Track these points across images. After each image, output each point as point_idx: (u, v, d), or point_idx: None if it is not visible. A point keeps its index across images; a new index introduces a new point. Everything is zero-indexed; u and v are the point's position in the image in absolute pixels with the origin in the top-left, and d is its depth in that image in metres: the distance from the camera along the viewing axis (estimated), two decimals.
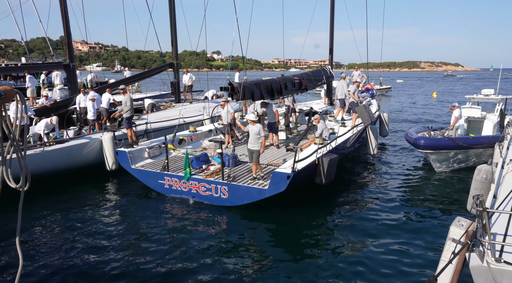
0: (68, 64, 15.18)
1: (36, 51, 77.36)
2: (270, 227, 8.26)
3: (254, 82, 11.45)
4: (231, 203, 9.01)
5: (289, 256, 6.98)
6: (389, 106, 32.86)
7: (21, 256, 2.57)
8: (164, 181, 9.82)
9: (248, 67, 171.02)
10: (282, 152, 11.69)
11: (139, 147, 11.02)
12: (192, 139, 12.78)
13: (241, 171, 9.90)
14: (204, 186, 9.24)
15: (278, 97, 13.18)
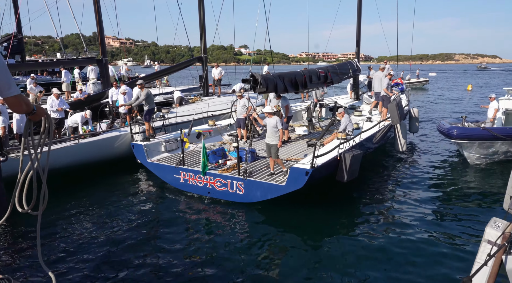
0: (101, 59, 15.65)
1: (71, 47, 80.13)
2: (288, 226, 7.97)
3: (277, 74, 11.07)
4: (247, 199, 8.68)
5: (308, 256, 6.76)
6: (424, 100, 31.89)
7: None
8: (179, 175, 9.62)
9: (275, 61, 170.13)
10: (303, 147, 11.33)
11: (155, 140, 10.93)
12: (210, 132, 12.54)
13: (258, 166, 9.61)
14: (219, 182, 8.96)
15: (303, 91, 12.72)
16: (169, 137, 11.30)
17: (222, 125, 13.06)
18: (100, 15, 14.95)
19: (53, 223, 8.14)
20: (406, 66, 32.31)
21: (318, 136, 11.94)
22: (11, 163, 9.15)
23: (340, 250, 6.92)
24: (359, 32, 17.54)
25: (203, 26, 17.11)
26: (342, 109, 10.96)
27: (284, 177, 8.60)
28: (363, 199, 9.35)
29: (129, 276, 6.11)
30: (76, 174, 10.74)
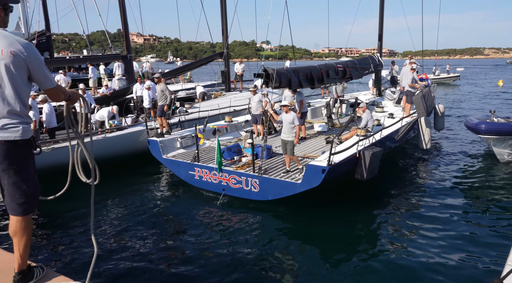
0: (126, 55, 16.01)
1: (96, 44, 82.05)
2: (304, 226, 7.80)
3: (292, 68, 10.82)
4: (262, 197, 8.53)
5: (324, 258, 6.58)
6: (452, 96, 31.01)
7: (95, 247, 2.87)
8: (194, 172, 9.53)
9: (297, 56, 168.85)
10: (321, 144, 11.09)
11: (171, 136, 10.81)
12: (226, 128, 12.41)
13: (274, 163, 9.46)
14: (234, 179, 8.82)
15: (319, 86, 12.26)
16: (184, 133, 11.25)
17: (239, 121, 12.94)
18: (125, 13, 15.27)
19: (70, 214, 8.46)
20: (431, 61, 31.53)
21: (337, 133, 11.58)
22: (42, 156, 9.56)
23: (360, 253, 6.64)
24: (381, 26, 17.06)
25: (225, 22, 17.20)
26: (364, 104, 10.69)
27: (300, 174, 8.42)
28: (383, 198, 9.10)
29: (136, 268, 6.21)
30: (100, 167, 11.04)
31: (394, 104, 15.21)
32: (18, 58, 2.51)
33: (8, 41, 2.51)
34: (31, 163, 2.73)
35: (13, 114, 2.56)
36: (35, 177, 2.79)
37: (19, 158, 2.62)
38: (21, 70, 2.54)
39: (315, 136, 12.22)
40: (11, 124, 2.56)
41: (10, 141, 2.55)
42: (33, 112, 10.56)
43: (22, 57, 2.52)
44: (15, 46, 2.51)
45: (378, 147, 8.82)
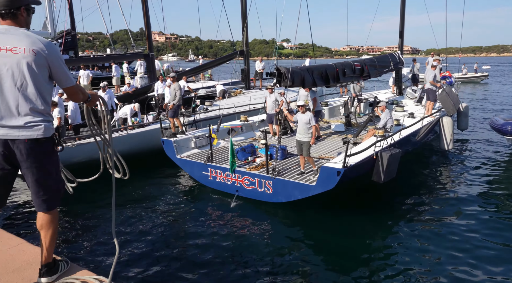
0: (148, 54, 16.25)
1: (119, 43, 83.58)
2: (318, 229, 7.60)
3: (306, 67, 10.56)
4: (275, 199, 8.36)
5: (335, 266, 6.31)
6: (478, 95, 30.10)
7: (117, 244, 2.94)
8: (208, 172, 9.42)
9: (317, 54, 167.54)
10: (338, 145, 10.74)
11: (185, 136, 10.72)
12: (240, 128, 12.18)
13: (289, 164, 9.27)
14: (248, 180, 8.66)
15: (335, 84, 11.91)
16: (199, 133, 11.12)
17: (254, 120, 12.70)
18: (147, 12, 15.49)
19: (94, 210, 8.66)
20: (455, 59, 30.68)
21: (354, 134, 11.33)
22: (66, 152, 9.81)
23: (377, 260, 6.36)
24: (402, 23, 16.59)
25: (245, 20, 17.24)
26: (383, 103, 10.37)
27: (314, 176, 8.21)
28: (401, 202, 8.79)
29: (146, 267, 6.23)
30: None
31: (415, 103, 14.81)
32: (40, 57, 2.55)
33: (31, 40, 2.55)
34: (54, 160, 2.77)
35: (36, 112, 2.59)
36: (59, 173, 2.85)
37: (42, 155, 2.66)
38: (43, 69, 2.58)
39: (332, 136, 11.92)
40: (34, 122, 2.59)
41: (33, 139, 2.59)
42: (59, 109, 10.87)
43: (43, 55, 2.56)
44: (37, 44, 2.56)
45: (396, 149, 8.54)
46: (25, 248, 3.37)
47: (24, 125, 2.56)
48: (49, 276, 2.84)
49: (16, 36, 2.54)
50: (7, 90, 2.52)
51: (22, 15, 2.64)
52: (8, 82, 2.51)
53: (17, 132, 2.55)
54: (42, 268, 2.86)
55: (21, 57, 2.50)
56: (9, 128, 2.54)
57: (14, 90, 2.52)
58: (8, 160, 2.61)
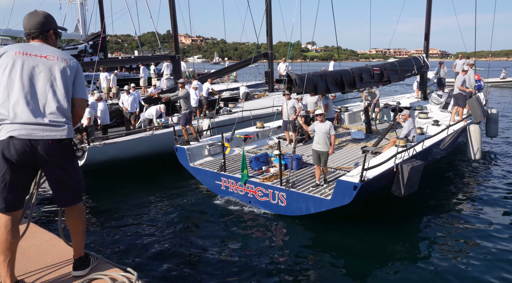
0: (174, 55, 16.57)
1: (147, 45, 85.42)
2: (331, 245, 7.10)
3: (319, 73, 9.99)
4: (288, 212, 7.99)
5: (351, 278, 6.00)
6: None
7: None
8: (220, 182, 9.12)
9: (342, 57, 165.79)
10: (357, 154, 10.16)
11: (199, 143, 10.38)
12: (257, 135, 11.77)
13: (304, 175, 8.80)
14: (261, 191, 8.31)
15: (351, 91, 11.26)
16: (213, 140, 10.77)
17: (270, 127, 12.22)
18: (175, 15, 15.83)
19: (119, 208, 8.91)
20: (485, 63, 29.64)
21: (374, 143, 10.70)
22: (94, 151, 10.13)
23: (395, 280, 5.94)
24: (428, 25, 15.99)
25: (269, 23, 17.32)
26: (407, 111, 9.78)
27: (328, 188, 7.81)
28: (423, 217, 8.16)
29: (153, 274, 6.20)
30: (148, 161, 11.49)
31: (440, 109, 14.14)
32: (71, 65, 2.86)
33: (62, 53, 2.90)
34: (74, 162, 2.91)
35: (61, 112, 2.74)
36: (79, 172, 2.96)
37: (63, 158, 2.79)
38: (71, 75, 2.85)
39: (351, 143, 11.43)
40: (58, 122, 2.72)
41: (56, 140, 2.71)
42: (89, 109, 11.24)
43: (73, 65, 2.87)
44: (68, 57, 2.90)
45: (419, 160, 8.01)
46: (57, 243, 3.53)
47: (49, 123, 2.68)
48: (82, 270, 3.01)
49: (50, 49, 2.87)
50: (39, 90, 2.70)
51: (51, 38, 2.95)
52: (40, 83, 2.71)
53: (41, 132, 2.66)
54: (76, 262, 3.02)
55: (54, 63, 2.77)
56: (33, 128, 2.64)
57: (44, 90, 2.71)
58: (30, 161, 2.70)
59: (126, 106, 13.13)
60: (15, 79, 2.65)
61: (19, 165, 2.67)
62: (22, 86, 2.65)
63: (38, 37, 2.87)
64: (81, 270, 3.00)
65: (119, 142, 10.88)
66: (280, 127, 12.11)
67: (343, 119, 14.39)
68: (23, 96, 2.64)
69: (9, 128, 2.61)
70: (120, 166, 11.05)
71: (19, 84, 2.65)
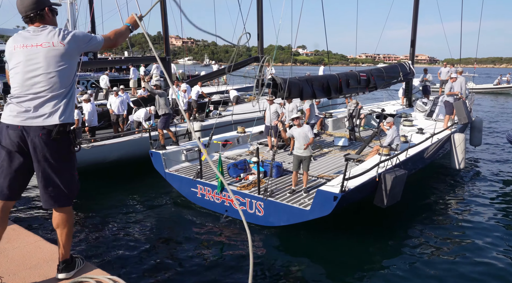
0: (164, 57, 16.52)
1: (137, 46, 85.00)
2: (310, 257, 6.81)
3: (305, 77, 9.79)
4: (266, 222, 7.65)
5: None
6: (498, 107, 29.50)
7: None
8: (196, 189, 8.76)
9: (333, 62, 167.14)
10: (339, 162, 9.95)
11: (176, 148, 10.04)
12: (238, 140, 11.37)
13: (284, 183, 8.51)
14: (238, 200, 7.91)
15: (337, 96, 10.97)
16: (190, 145, 10.38)
17: (252, 132, 11.86)
18: (166, 16, 15.77)
19: (106, 212, 8.85)
20: (470, 70, 30.22)
21: (357, 151, 10.49)
22: (82, 154, 10.05)
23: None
24: (414, 31, 15.95)
25: (260, 26, 17.38)
26: (391, 119, 9.72)
27: (309, 199, 7.45)
28: (405, 229, 7.93)
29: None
30: (136, 164, 11.41)
31: (425, 117, 13.98)
32: (67, 46, 2.79)
33: (57, 34, 2.81)
34: (67, 159, 2.84)
35: (55, 100, 2.74)
36: (73, 173, 2.90)
37: (55, 152, 2.74)
38: (72, 53, 2.82)
39: (334, 150, 11.23)
40: (53, 110, 2.72)
41: (46, 132, 2.69)
42: (77, 111, 11.16)
43: (69, 42, 2.80)
44: (62, 35, 2.81)
45: (402, 170, 7.91)
46: (42, 245, 3.50)
47: (43, 113, 2.69)
48: (67, 272, 2.98)
49: (45, 33, 2.79)
50: (35, 79, 2.70)
51: (48, 16, 2.89)
52: (36, 72, 2.71)
53: (34, 119, 2.68)
54: (60, 264, 2.98)
55: (49, 50, 2.74)
56: (27, 116, 2.67)
57: (39, 81, 2.70)
58: (24, 150, 2.71)
59: (113, 108, 13.02)
60: (16, 76, 2.73)
61: (16, 152, 2.71)
62: (22, 80, 2.71)
63: (35, 18, 2.82)
64: (66, 273, 2.97)
65: (107, 145, 10.81)
66: (262, 132, 11.86)
67: (327, 125, 14.22)
68: (22, 89, 2.70)
69: (6, 115, 2.72)
70: (108, 169, 10.98)
71: (20, 80, 2.72)
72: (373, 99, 27.30)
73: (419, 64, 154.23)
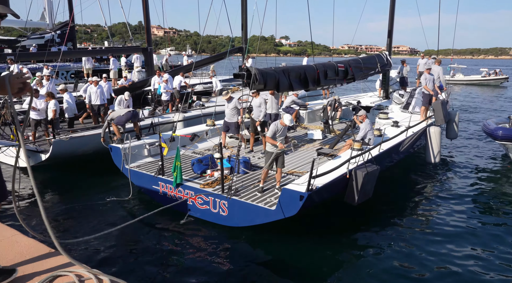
0: (146, 47, 16.24)
1: (117, 36, 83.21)
2: (280, 254, 6.56)
3: (281, 68, 9.20)
4: (230, 223, 7.19)
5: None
6: (479, 99, 30.07)
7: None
8: (158, 187, 8.17)
9: (316, 52, 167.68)
10: (312, 156, 9.37)
11: (138, 143, 9.43)
12: (206, 133, 10.84)
13: (251, 180, 8.00)
14: (201, 198, 7.42)
15: (314, 88, 10.46)
16: (153, 139, 9.77)
17: (221, 125, 11.28)
18: (147, 5, 15.46)
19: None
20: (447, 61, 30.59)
21: (331, 145, 10.19)
22: (61, 145, 9.82)
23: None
24: (391, 22, 15.71)
25: (244, 17, 17.23)
26: (363, 112, 9.42)
27: (275, 198, 6.98)
28: (377, 226, 7.61)
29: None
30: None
31: (401, 110, 13.70)
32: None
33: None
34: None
35: None
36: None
37: None
38: None
39: (308, 144, 10.82)
40: None
41: None
42: (54, 101, 10.87)
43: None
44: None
45: (374, 165, 7.52)
46: (19, 239, 3.41)
47: None
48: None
49: None
50: None
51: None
52: None
53: None
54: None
55: None
56: None
57: None
58: None
59: (94, 98, 12.65)
60: None
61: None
62: None
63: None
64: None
65: (86, 136, 10.58)
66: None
67: (302, 118, 13.85)
68: None
69: None
70: (86, 160, 10.73)
71: None
72: (350, 91, 27.45)
73: (400, 55, 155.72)
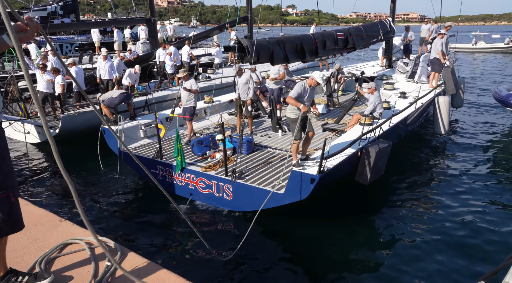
0: (149, 18, 15.96)
1: (121, 7, 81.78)
2: (289, 240, 6.21)
3: (276, 39, 8.41)
4: (235, 207, 6.80)
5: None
6: (493, 66, 29.29)
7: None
8: (156, 170, 7.65)
9: (323, 21, 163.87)
10: (316, 132, 8.45)
11: (133, 123, 8.85)
12: (204, 111, 10.31)
13: (255, 161, 7.50)
14: (203, 182, 7.01)
15: (312, 59, 9.84)
16: (149, 119, 9.12)
17: (221, 101, 10.66)
18: None
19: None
20: (454, 28, 29.44)
21: (336, 120, 9.66)
22: (69, 120, 9.87)
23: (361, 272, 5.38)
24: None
25: None
26: (373, 84, 8.81)
27: (283, 180, 6.44)
28: (390, 204, 7.29)
29: None
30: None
31: (406, 79, 13.00)
32: None
33: None
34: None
35: None
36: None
37: None
38: None
39: (312, 119, 9.96)
40: None
41: None
42: (61, 76, 10.85)
43: None
44: None
45: (385, 141, 7.11)
46: (30, 209, 3.49)
47: None
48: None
49: None
50: None
51: None
52: None
53: None
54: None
55: None
56: None
57: None
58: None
59: (103, 72, 12.53)
60: None
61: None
62: None
63: None
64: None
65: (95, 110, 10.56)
66: (232, 101, 10.57)
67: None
68: None
69: None
70: (96, 135, 10.78)
71: None
72: (349, 60, 26.76)
73: (410, 23, 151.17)
